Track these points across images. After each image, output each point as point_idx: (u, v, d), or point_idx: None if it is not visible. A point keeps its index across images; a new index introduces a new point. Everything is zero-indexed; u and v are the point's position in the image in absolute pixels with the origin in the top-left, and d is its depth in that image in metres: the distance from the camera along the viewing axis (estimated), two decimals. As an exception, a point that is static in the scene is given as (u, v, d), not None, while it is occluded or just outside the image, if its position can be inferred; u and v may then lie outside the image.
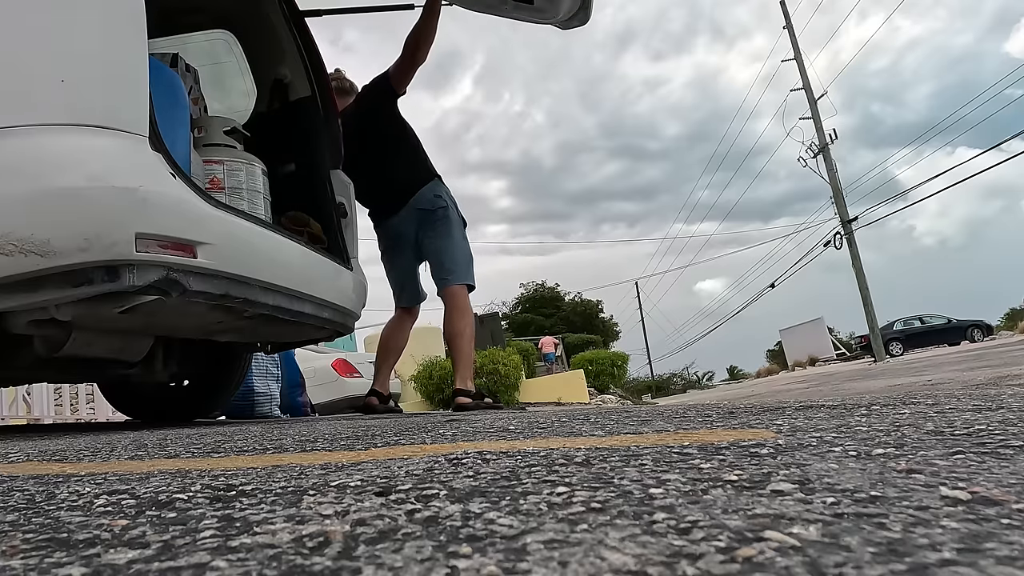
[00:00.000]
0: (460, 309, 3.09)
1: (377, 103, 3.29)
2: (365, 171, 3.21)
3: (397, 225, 3.23)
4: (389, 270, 3.38)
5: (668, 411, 1.54)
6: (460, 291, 3.10)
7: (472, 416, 2.03)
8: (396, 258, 3.32)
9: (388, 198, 3.27)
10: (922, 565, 0.35)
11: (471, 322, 3.14)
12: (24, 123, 1.62)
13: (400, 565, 0.40)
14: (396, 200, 3.23)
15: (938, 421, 0.94)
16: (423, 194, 3.19)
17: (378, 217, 3.35)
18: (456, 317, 3.08)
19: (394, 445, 1.10)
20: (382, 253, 3.38)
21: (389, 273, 3.38)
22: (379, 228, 3.35)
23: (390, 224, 3.27)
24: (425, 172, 3.27)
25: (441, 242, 3.14)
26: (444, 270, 3.12)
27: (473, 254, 3.24)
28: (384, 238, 3.33)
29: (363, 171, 3.20)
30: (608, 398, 11.65)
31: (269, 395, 4.44)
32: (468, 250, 3.21)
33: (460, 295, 3.10)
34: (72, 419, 5.62)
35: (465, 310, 3.10)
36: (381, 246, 3.38)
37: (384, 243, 3.34)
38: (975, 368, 5.67)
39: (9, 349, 2.11)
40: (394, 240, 3.28)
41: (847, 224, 19.36)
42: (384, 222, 3.30)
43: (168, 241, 1.74)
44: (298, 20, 3.03)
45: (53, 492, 0.75)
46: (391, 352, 3.38)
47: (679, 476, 0.63)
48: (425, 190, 3.19)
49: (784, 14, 21.11)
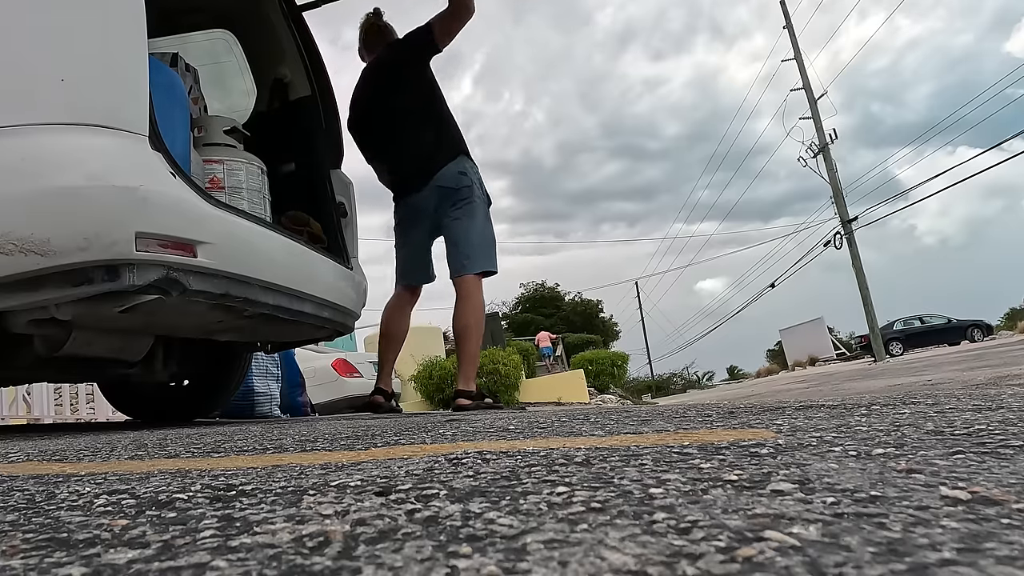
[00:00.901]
0: (471, 301, 2.89)
1: (410, 58, 2.99)
2: (385, 138, 3.02)
3: (417, 201, 3.00)
4: (400, 245, 3.13)
5: (668, 411, 1.54)
6: (474, 282, 2.90)
7: (472, 416, 2.03)
8: (410, 231, 3.07)
9: (410, 175, 3.02)
10: (922, 565, 0.35)
11: (481, 317, 2.94)
12: (24, 122, 1.62)
13: (400, 565, 0.40)
14: (418, 177, 2.97)
15: (938, 421, 0.94)
16: (448, 171, 2.94)
17: (398, 191, 3.10)
18: (466, 309, 2.89)
19: (394, 445, 1.10)
20: (396, 224, 3.13)
21: (400, 248, 3.13)
22: (397, 201, 3.10)
23: (410, 200, 3.04)
24: (452, 147, 3.00)
25: (461, 224, 2.92)
26: (461, 255, 2.90)
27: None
28: (401, 210, 3.09)
29: (382, 138, 3.02)
30: (608, 398, 11.65)
31: (269, 395, 4.44)
32: (491, 233, 2.99)
33: (473, 286, 2.89)
34: (72, 419, 5.62)
35: (476, 303, 2.91)
36: (396, 217, 3.12)
37: (400, 214, 3.10)
38: (975, 368, 5.67)
39: (9, 349, 2.11)
40: (411, 213, 3.05)
41: (847, 224, 19.36)
42: (404, 198, 3.06)
43: (168, 240, 1.74)
44: (298, 19, 3.03)
45: (53, 492, 0.75)
46: (393, 340, 3.11)
47: (679, 476, 0.63)
48: (451, 166, 2.94)
49: (784, 14, 21.11)
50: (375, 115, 3.05)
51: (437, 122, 3.02)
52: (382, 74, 3.04)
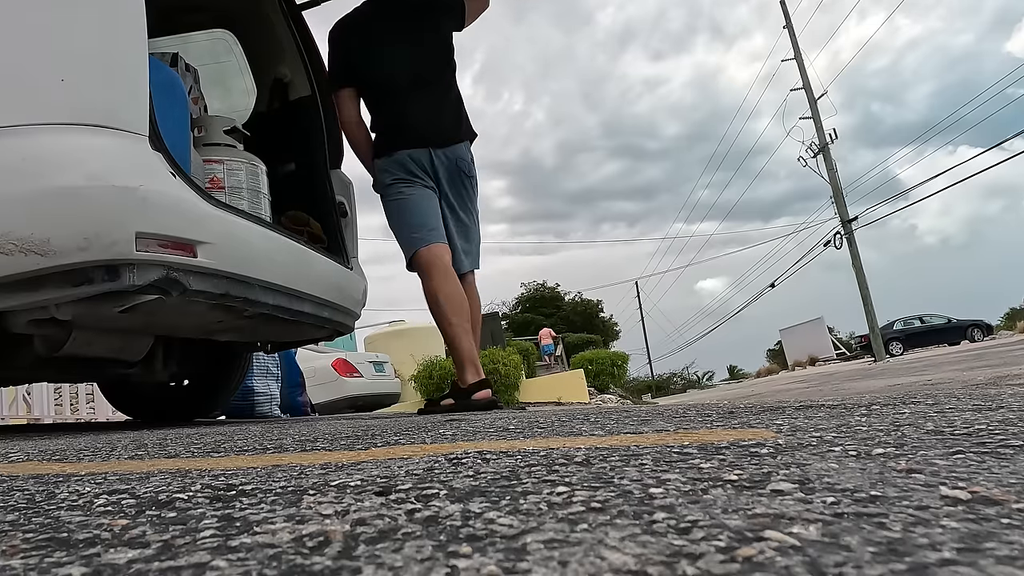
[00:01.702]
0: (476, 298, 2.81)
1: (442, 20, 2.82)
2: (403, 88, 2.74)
3: (428, 165, 2.71)
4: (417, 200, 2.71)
5: (668, 411, 1.54)
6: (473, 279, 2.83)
7: (472, 416, 2.03)
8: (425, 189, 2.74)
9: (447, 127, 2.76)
10: (922, 565, 0.35)
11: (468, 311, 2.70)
12: (24, 122, 1.62)
13: (400, 565, 0.40)
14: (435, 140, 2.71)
15: (938, 421, 0.94)
16: (466, 150, 2.78)
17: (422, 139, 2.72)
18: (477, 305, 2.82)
19: (394, 445, 1.10)
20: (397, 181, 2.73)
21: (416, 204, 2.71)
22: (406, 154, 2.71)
23: (418, 157, 2.71)
24: (470, 127, 2.84)
25: (468, 216, 2.81)
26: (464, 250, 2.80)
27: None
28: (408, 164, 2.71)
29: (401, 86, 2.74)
30: (608, 398, 11.64)
31: (269, 395, 4.44)
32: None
33: (474, 283, 2.83)
34: (72, 419, 5.62)
35: (474, 297, 2.81)
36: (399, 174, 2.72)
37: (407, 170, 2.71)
38: (975, 368, 5.67)
39: (9, 349, 2.11)
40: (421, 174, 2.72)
41: (847, 224, 19.37)
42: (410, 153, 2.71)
43: (168, 240, 1.74)
44: (298, 19, 3.03)
45: (53, 492, 0.75)
46: (466, 305, 2.68)
47: (679, 476, 0.62)
48: (467, 147, 2.80)
49: (784, 13, 21.12)
50: (400, 47, 2.76)
51: (457, 97, 2.87)
52: (409, 8, 2.79)
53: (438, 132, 2.74)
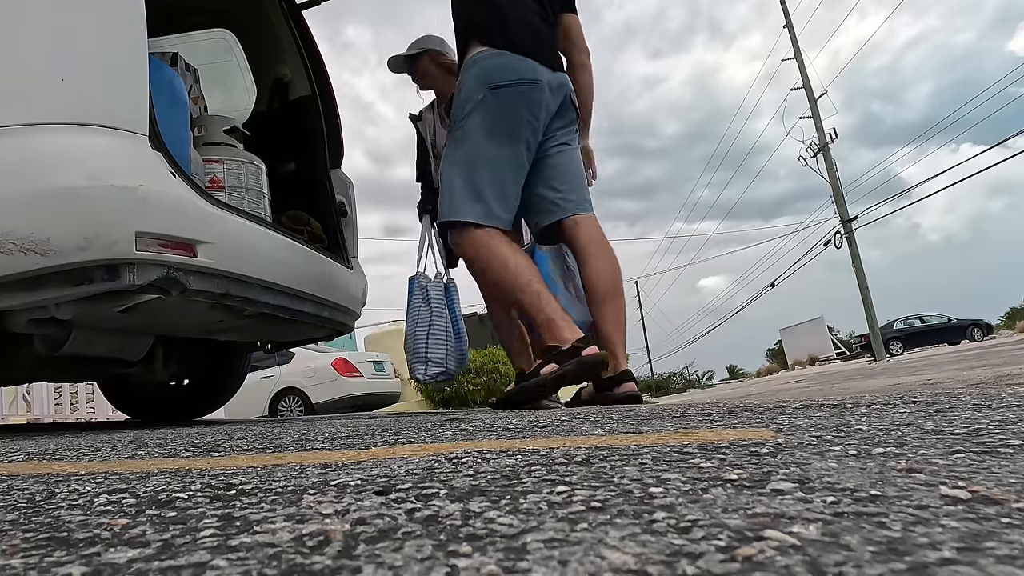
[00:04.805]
0: (604, 242, 2.34)
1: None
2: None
3: (546, 87, 2.19)
4: (490, 155, 2.17)
5: (668, 410, 1.54)
6: (594, 223, 2.36)
7: (472, 416, 2.03)
8: (520, 130, 2.18)
9: (551, 53, 2.30)
10: (922, 564, 0.35)
11: (616, 267, 2.31)
12: (24, 122, 1.62)
13: (400, 564, 0.40)
14: (557, 59, 2.30)
15: (938, 420, 0.94)
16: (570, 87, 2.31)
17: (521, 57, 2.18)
18: (609, 255, 2.31)
19: (394, 444, 1.10)
20: (478, 127, 2.17)
21: (486, 161, 2.17)
22: (493, 93, 2.16)
23: (520, 91, 2.15)
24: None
25: (577, 156, 2.35)
26: (575, 193, 2.31)
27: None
28: (493, 102, 2.16)
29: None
30: (608, 397, 11.61)
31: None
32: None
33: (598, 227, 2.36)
34: (72, 418, 5.62)
35: (608, 245, 2.36)
36: (479, 116, 2.17)
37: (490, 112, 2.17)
38: (975, 367, 5.67)
39: (9, 348, 2.11)
40: (512, 114, 2.16)
41: (847, 223, 19.36)
42: (512, 86, 2.15)
43: (168, 240, 1.74)
44: (298, 18, 3.03)
45: (53, 491, 0.75)
46: (536, 272, 2.21)
47: (679, 475, 0.62)
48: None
49: (784, 13, 21.11)
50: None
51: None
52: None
53: (534, 46, 2.34)
